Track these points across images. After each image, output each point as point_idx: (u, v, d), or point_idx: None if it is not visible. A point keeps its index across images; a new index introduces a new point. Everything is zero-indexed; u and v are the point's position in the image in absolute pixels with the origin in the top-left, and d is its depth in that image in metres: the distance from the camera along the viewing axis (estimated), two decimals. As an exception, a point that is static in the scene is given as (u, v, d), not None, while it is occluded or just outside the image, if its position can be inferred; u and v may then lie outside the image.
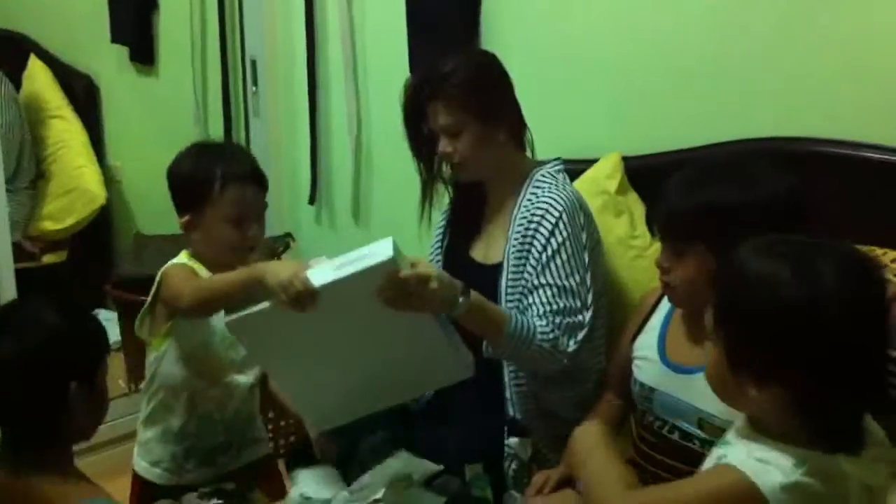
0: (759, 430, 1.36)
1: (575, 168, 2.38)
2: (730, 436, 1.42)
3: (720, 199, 1.70)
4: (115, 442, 2.90)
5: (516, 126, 2.22)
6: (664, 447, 1.83)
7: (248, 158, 2.14)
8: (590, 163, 2.45)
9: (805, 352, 1.26)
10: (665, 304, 1.94)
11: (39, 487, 1.56)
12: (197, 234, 2.04)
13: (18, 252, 3.41)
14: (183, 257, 2.06)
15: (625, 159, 2.44)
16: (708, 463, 1.42)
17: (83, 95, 4.29)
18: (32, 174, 4.09)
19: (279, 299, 1.72)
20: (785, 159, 2.13)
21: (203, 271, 2.02)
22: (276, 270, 1.76)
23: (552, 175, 2.18)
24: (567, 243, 2.07)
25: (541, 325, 2.03)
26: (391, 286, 1.72)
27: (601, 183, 2.39)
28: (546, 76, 2.61)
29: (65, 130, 4.17)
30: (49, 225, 4.08)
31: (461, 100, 2.12)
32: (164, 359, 2.05)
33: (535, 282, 2.08)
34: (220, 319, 1.90)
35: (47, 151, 4.16)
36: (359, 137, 3.30)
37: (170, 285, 1.98)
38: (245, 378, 2.10)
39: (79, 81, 4.31)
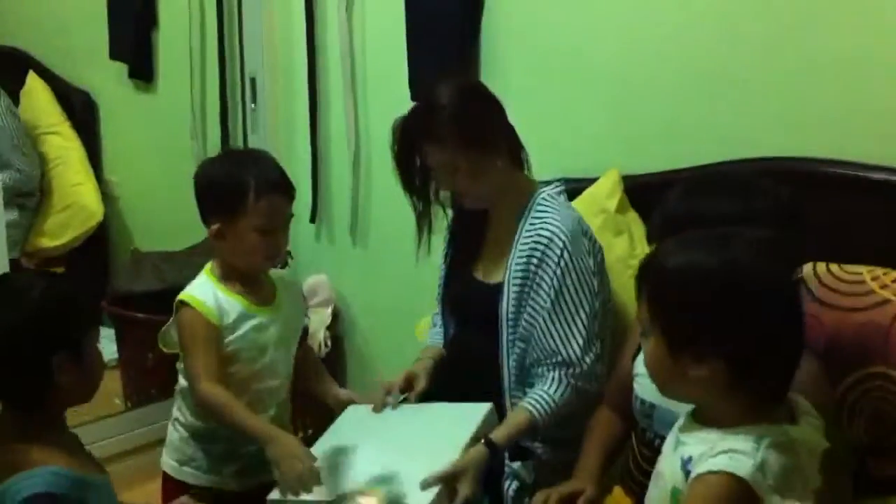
0: (706, 420, 1.42)
1: (574, 187, 2.38)
2: (681, 436, 1.45)
3: (714, 209, 1.71)
4: (112, 460, 2.90)
5: (512, 149, 2.19)
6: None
7: (278, 167, 2.12)
8: (589, 181, 2.44)
9: (733, 319, 1.34)
10: None
11: (26, 453, 1.59)
12: (225, 242, 2.03)
13: (15, 269, 3.39)
14: (202, 279, 2.06)
15: (624, 178, 2.44)
16: (673, 465, 1.44)
17: (81, 111, 4.29)
18: (38, 192, 4.09)
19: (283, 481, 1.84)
20: (786, 178, 2.11)
21: (225, 299, 2.02)
22: (288, 457, 1.85)
23: (553, 198, 2.17)
24: (573, 275, 2.08)
25: (559, 389, 2.07)
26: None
27: (601, 202, 2.38)
28: (546, 92, 2.61)
29: (62, 147, 4.17)
30: (46, 241, 4.07)
31: (452, 138, 2.08)
32: None
33: (544, 329, 2.09)
34: (246, 332, 2.02)
35: (45, 168, 4.15)
36: (358, 155, 3.29)
37: (187, 358, 2.01)
38: (273, 382, 2.09)
39: (77, 97, 4.30)
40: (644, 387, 1.89)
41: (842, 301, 1.95)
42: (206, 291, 2.04)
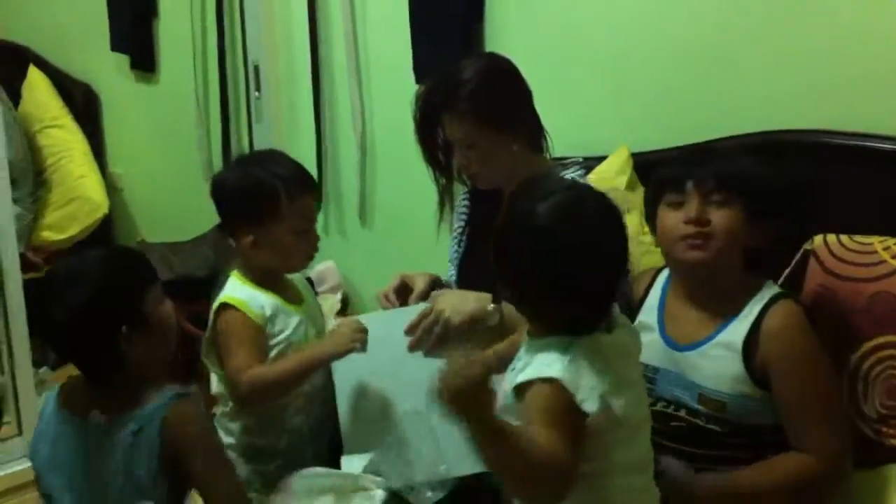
0: (537, 335, 1.54)
1: (583, 165, 2.36)
2: (524, 357, 1.54)
3: (758, 170, 1.85)
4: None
5: (532, 133, 2.17)
6: (672, 433, 1.86)
7: (298, 163, 2.07)
8: (598, 160, 2.43)
9: (549, 259, 1.46)
10: (660, 284, 1.99)
11: None
12: (260, 250, 1.98)
13: (22, 263, 3.39)
14: (235, 283, 2.01)
15: (633, 155, 2.44)
16: (507, 382, 1.55)
17: (83, 104, 4.30)
18: (31, 184, 4.08)
19: (353, 345, 1.89)
20: (795, 151, 2.14)
21: (265, 299, 1.99)
22: (338, 333, 1.93)
23: (576, 181, 2.14)
24: None
25: None
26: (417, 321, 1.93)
27: (611, 180, 2.37)
28: (552, 72, 2.60)
29: (65, 140, 4.17)
30: (51, 235, 4.07)
31: (472, 113, 2.06)
32: None
33: None
34: (293, 330, 2.01)
35: (48, 161, 4.15)
36: (364, 140, 3.29)
37: (228, 357, 1.94)
38: (318, 380, 2.03)
39: (79, 90, 4.31)
40: (646, 351, 1.90)
41: (853, 272, 1.95)
42: (245, 293, 1.99)
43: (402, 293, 2.14)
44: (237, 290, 2.00)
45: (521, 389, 1.47)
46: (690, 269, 1.87)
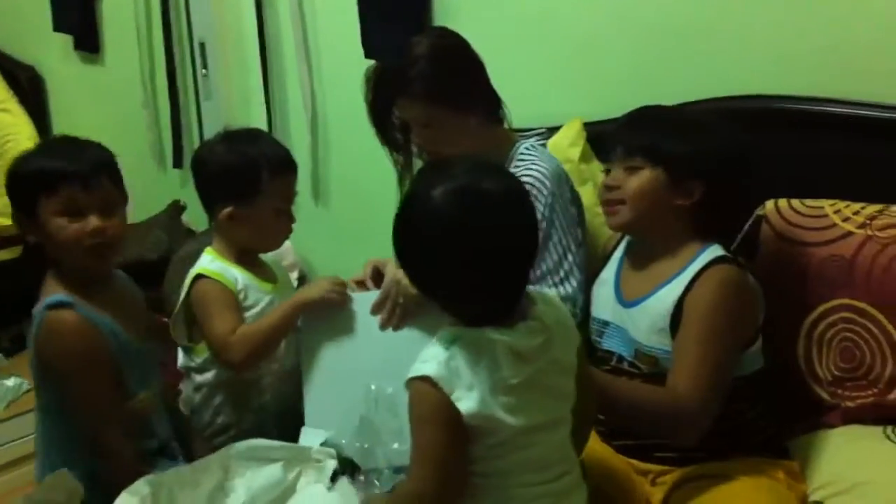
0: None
1: (546, 136, 2.35)
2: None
3: (678, 134, 1.85)
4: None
5: (489, 106, 2.15)
6: None
7: (281, 145, 2.08)
8: (552, 130, 2.42)
9: (435, 248, 1.42)
10: (622, 246, 2.01)
11: None
12: (237, 225, 1.98)
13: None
14: (209, 258, 2.00)
15: (586, 125, 2.43)
16: None
17: (28, 87, 4.24)
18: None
19: (330, 298, 1.92)
20: (748, 117, 2.14)
21: (237, 274, 1.98)
22: (318, 283, 1.97)
23: (534, 147, 2.15)
24: (557, 222, 2.05)
25: None
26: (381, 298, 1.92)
27: (564, 151, 2.37)
28: (501, 44, 2.57)
29: (11, 124, 4.09)
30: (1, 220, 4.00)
31: (425, 93, 2.04)
32: (211, 361, 2.00)
33: (535, 273, 2.05)
34: (264, 309, 1.99)
35: (-7, 147, 4.08)
36: (315, 117, 3.26)
37: (211, 326, 1.93)
38: (289, 361, 2.05)
39: (23, 73, 4.25)
40: (598, 306, 2.00)
41: (805, 236, 1.97)
42: (218, 265, 1.99)
43: (377, 280, 2.13)
44: (210, 263, 2.00)
45: (407, 386, 1.44)
46: (621, 231, 1.96)
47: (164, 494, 1.68)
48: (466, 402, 1.39)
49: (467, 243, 1.40)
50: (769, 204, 2.03)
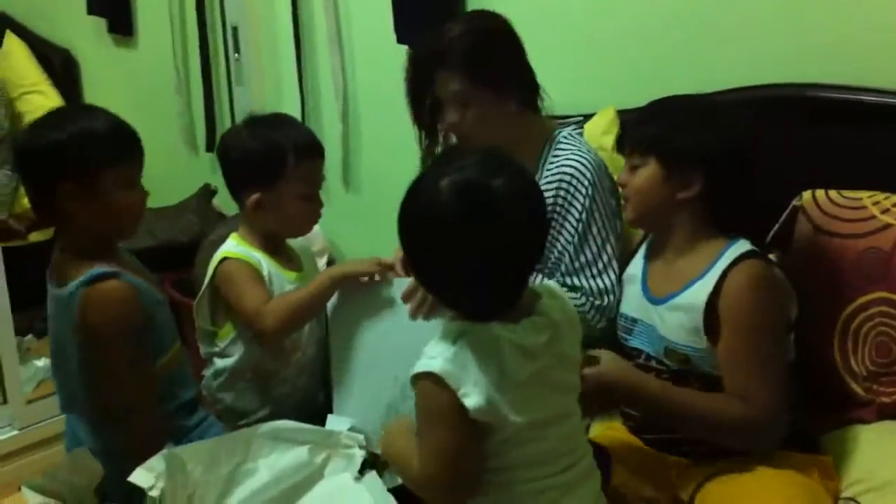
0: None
1: (582, 124, 2.33)
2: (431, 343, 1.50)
3: (670, 122, 1.84)
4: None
5: (528, 91, 2.12)
6: None
7: (309, 129, 2.07)
8: (585, 118, 2.40)
9: (437, 240, 1.40)
10: (647, 241, 2.00)
11: None
12: (264, 212, 1.97)
13: (4, 231, 3.37)
14: (234, 243, 2.00)
15: (619, 113, 2.40)
16: None
17: (62, 70, 4.26)
18: (10, 151, 4.03)
19: (369, 270, 1.89)
20: (781, 106, 2.11)
21: (262, 258, 1.97)
22: (356, 260, 1.92)
23: (573, 136, 2.12)
24: (597, 213, 2.04)
25: (574, 296, 2.01)
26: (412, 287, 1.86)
27: (598, 139, 2.35)
28: (535, 30, 2.54)
29: (45, 106, 4.07)
30: (33, 202, 4.03)
31: (467, 70, 2.01)
32: (234, 345, 1.99)
33: (574, 265, 2.04)
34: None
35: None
36: (346, 102, 3.25)
37: (241, 299, 1.91)
38: (311, 349, 2.04)
39: (57, 55, 4.27)
40: (626, 302, 1.98)
41: (842, 227, 1.94)
42: (242, 249, 1.98)
43: (406, 266, 2.11)
44: (235, 247, 1.99)
45: (413, 382, 1.43)
46: (634, 227, 1.99)
47: (179, 471, 1.67)
48: (473, 398, 1.38)
49: (466, 237, 1.38)
50: (806, 195, 2.00)
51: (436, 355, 1.40)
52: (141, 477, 1.63)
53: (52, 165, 1.80)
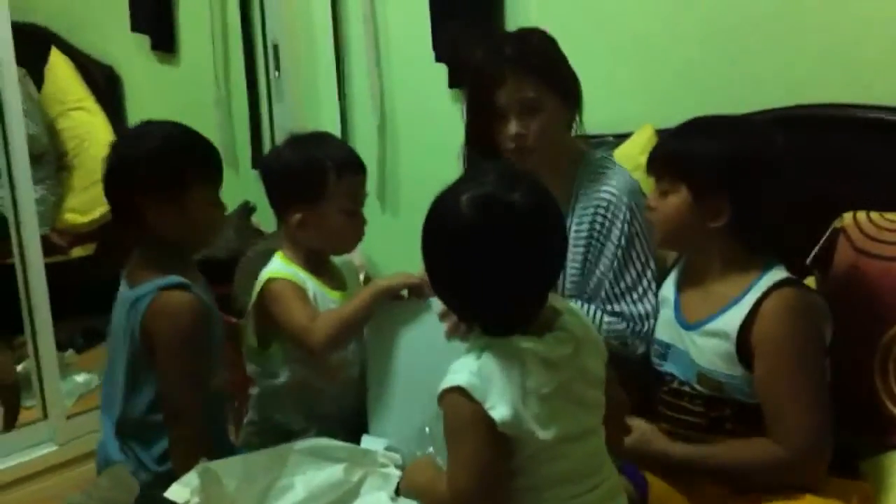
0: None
1: (613, 144, 2.33)
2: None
3: (700, 148, 1.81)
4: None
5: (576, 109, 2.11)
6: (681, 409, 1.87)
7: (348, 146, 2.08)
8: (622, 137, 2.40)
9: (458, 255, 1.42)
10: (680, 263, 1.99)
11: None
12: (308, 231, 1.97)
13: (47, 246, 3.41)
14: (280, 262, 2.00)
15: (658, 132, 2.40)
16: None
17: (105, 86, 4.31)
18: (54, 167, 4.09)
19: (409, 283, 1.86)
20: (821, 124, 2.10)
21: (307, 279, 1.97)
22: (397, 274, 1.89)
23: (609, 160, 2.12)
24: (636, 239, 2.04)
25: (615, 321, 2.02)
26: None
27: (635, 158, 2.32)
28: (573, 48, 2.55)
29: (88, 122, 4.18)
30: (75, 217, 4.09)
31: (545, 75, 2.00)
32: (282, 364, 1.99)
33: (614, 290, 2.04)
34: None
35: (71, 144, 4.16)
36: (384, 120, 3.27)
37: (290, 316, 1.91)
38: (354, 370, 2.02)
39: (100, 72, 4.32)
40: (659, 327, 1.98)
41: (884, 250, 1.91)
42: (289, 270, 1.98)
43: None
44: (281, 267, 1.99)
45: (440, 399, 1.44)
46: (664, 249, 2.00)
47: (214, 486, 1.67)
48: (500, 409, 1.38)
49: (486, 250, 1.39)
50: (847, 217, 1.97)
51: (460, 370, 1.42)
52: (177, 492, 1.64)
53: (144, 177, 1.89)
